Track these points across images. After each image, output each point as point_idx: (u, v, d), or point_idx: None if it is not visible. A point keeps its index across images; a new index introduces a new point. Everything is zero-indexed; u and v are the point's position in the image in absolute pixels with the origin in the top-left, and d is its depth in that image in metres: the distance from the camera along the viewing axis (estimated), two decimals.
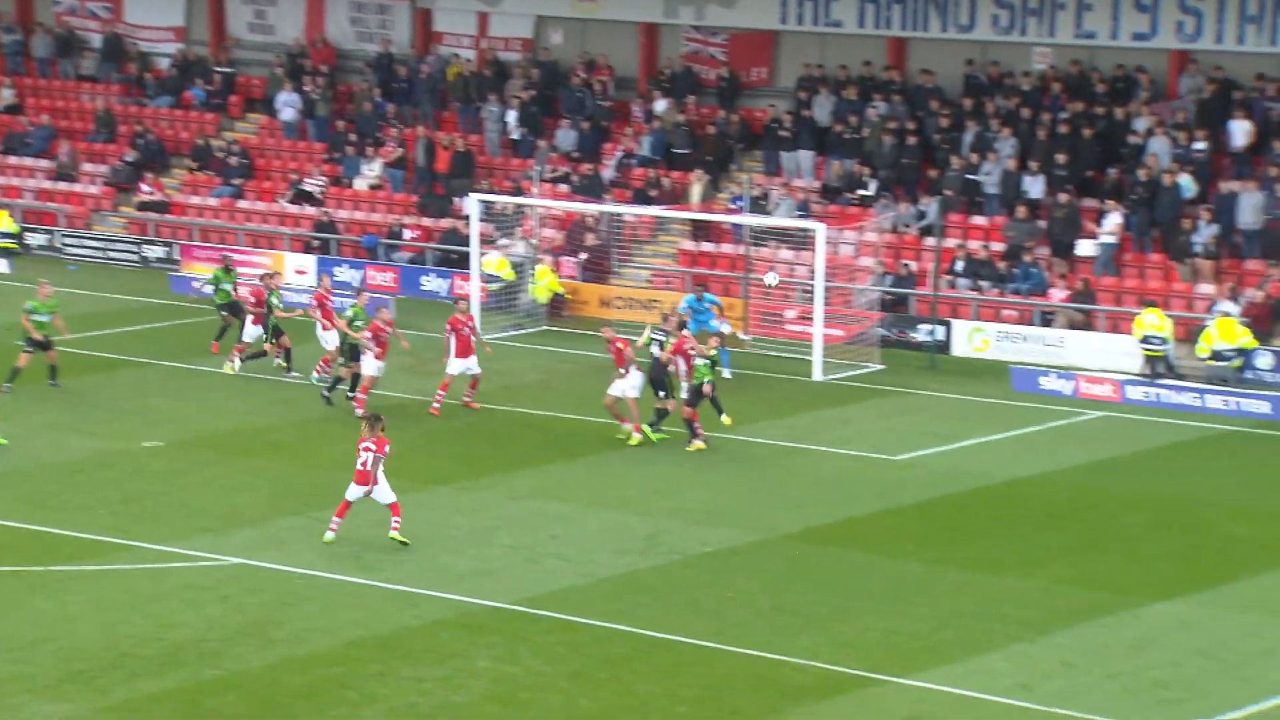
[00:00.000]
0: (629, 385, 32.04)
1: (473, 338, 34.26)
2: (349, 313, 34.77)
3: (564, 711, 20.93)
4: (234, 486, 29.47)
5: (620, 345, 32.10)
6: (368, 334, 33.72)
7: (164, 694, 21.28)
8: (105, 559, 25.83)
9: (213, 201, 49.70)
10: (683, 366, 32.19)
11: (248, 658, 22.40)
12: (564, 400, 34.86)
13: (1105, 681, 21.86)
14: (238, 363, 36.81)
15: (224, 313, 38.17)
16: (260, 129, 52.00)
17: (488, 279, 41.86)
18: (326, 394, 34.55)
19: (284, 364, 36.53)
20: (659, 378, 31.96)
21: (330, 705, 21.02)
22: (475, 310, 40.15)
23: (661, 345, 32.42)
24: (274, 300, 36.51)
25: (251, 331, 36.90)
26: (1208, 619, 23.93)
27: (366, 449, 26.29)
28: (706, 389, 31.45)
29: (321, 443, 32.17)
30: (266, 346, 36.72)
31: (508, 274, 42.50)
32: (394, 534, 26.30)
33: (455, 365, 34.11)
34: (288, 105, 50.94)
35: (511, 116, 48.09)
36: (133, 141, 51.67)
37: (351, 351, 34.37)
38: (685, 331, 33.29)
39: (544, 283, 42.23)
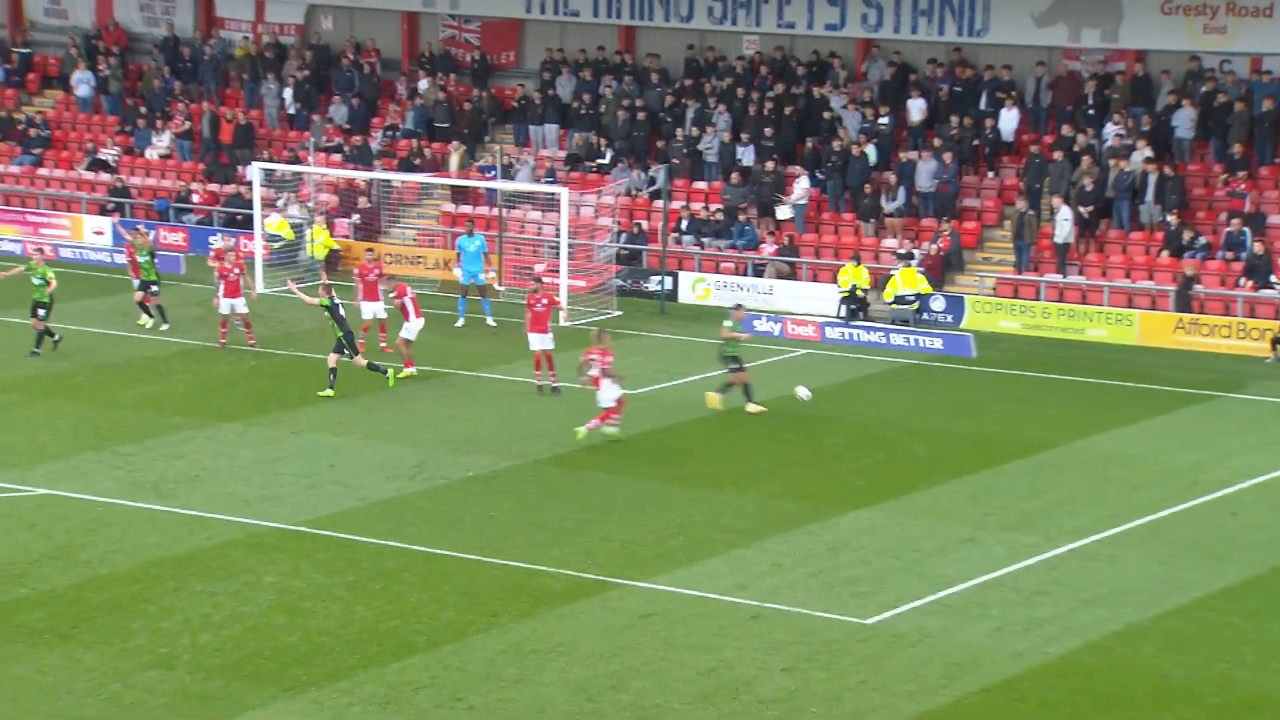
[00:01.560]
0: (414, 329, 31.82)
1: (379, 284, 33.70)
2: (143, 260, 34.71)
3: (343, 618, 20.72)
4: (37, 425, 28.50)
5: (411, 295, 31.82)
6: (218, 272, 33.70)
7: None
8: None
9: (15, 169, 47.93)
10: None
11: (54, 578, 21.72)
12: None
13: (808, 579, 22.33)
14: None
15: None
16: (57, 104, 50.19)
17: (270, 238, 41.17)
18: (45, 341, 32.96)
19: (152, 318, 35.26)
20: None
21: (131, 618, 20.50)
22: (258, 266, 39.38)
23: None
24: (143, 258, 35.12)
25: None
26: (891, 524, 24.56)
27: (591, 359, 27.20)
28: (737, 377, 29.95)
29: (119, 386, 31.27)
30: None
31: (288, 234, 41.88)
32: (611, 429, 27.39)
33: (366, 310, 33.50)
34: (83, 82, 49.32)
35: (288, 93, 47.15)
36: None
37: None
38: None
39: (320, 241, 41.64)
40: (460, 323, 36.78)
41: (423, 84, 46.52)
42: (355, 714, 18.31)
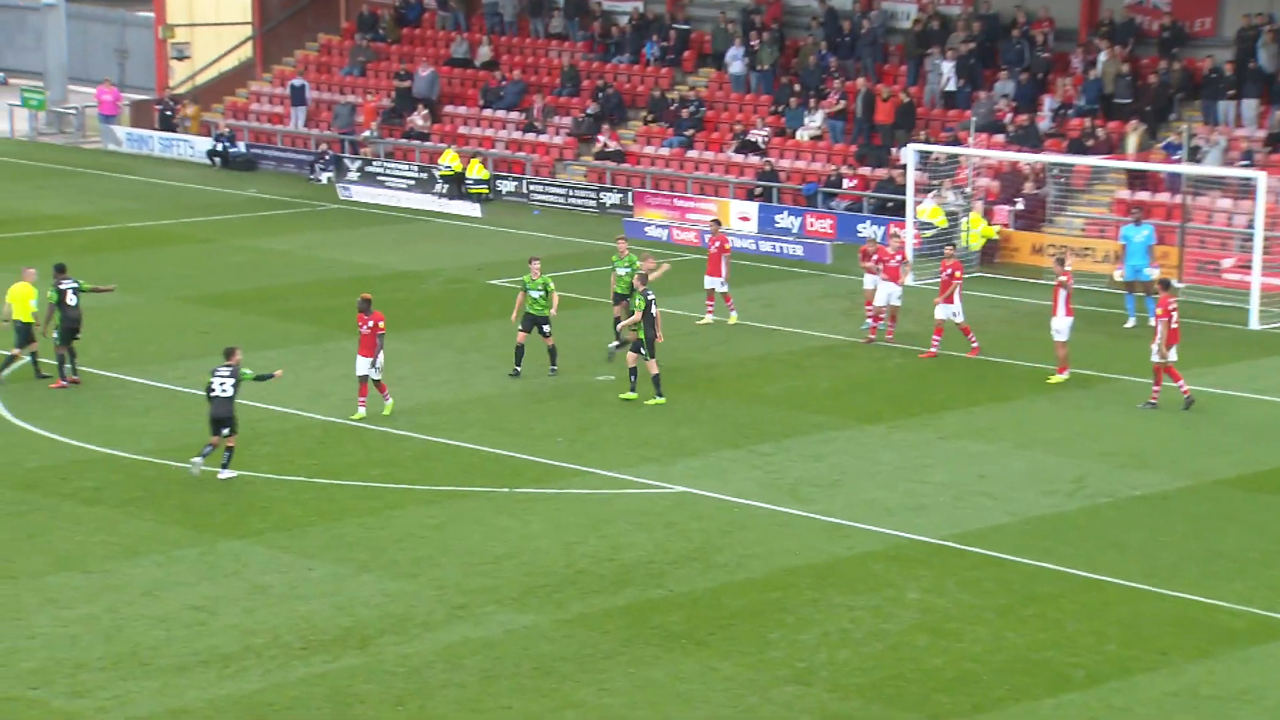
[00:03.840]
0: (1062, 327, 31.37)
1: (901, 268, 34.07)
2: (621, 270, 33.20)
3: (992, 643, 20.61)
4: (678, 419, 29.86)
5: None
6: (874, 261, 34.07)
7: (615, 610, 21.78)
8: (561, 483, 26.57)
9: (664, 151, 50.42)
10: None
11: (691, 579, 22.75)
12: (994, 344, 34.17)
13: None
14: None
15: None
16: (710, 82, 52.44)
17: (922, 226, 41.44)
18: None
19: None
20: None
21: (768, 627, 21.18)
22: (909, 255, 39.72)
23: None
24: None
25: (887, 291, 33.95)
26: None
27: None
28: None
29: (760, 380, 32.29)
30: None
31: (940, 221, 41.97)
32: None
33: (880, 294, 34.16)
34: (736, 59, 51.26)
35: (948, 68, 47.33)
36: (594, 95, 52.81)
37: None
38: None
39: (977, 230, 41.57)
40: (1131, 323, 35.84)
41: (1102, 56, 45.55)
42: None
